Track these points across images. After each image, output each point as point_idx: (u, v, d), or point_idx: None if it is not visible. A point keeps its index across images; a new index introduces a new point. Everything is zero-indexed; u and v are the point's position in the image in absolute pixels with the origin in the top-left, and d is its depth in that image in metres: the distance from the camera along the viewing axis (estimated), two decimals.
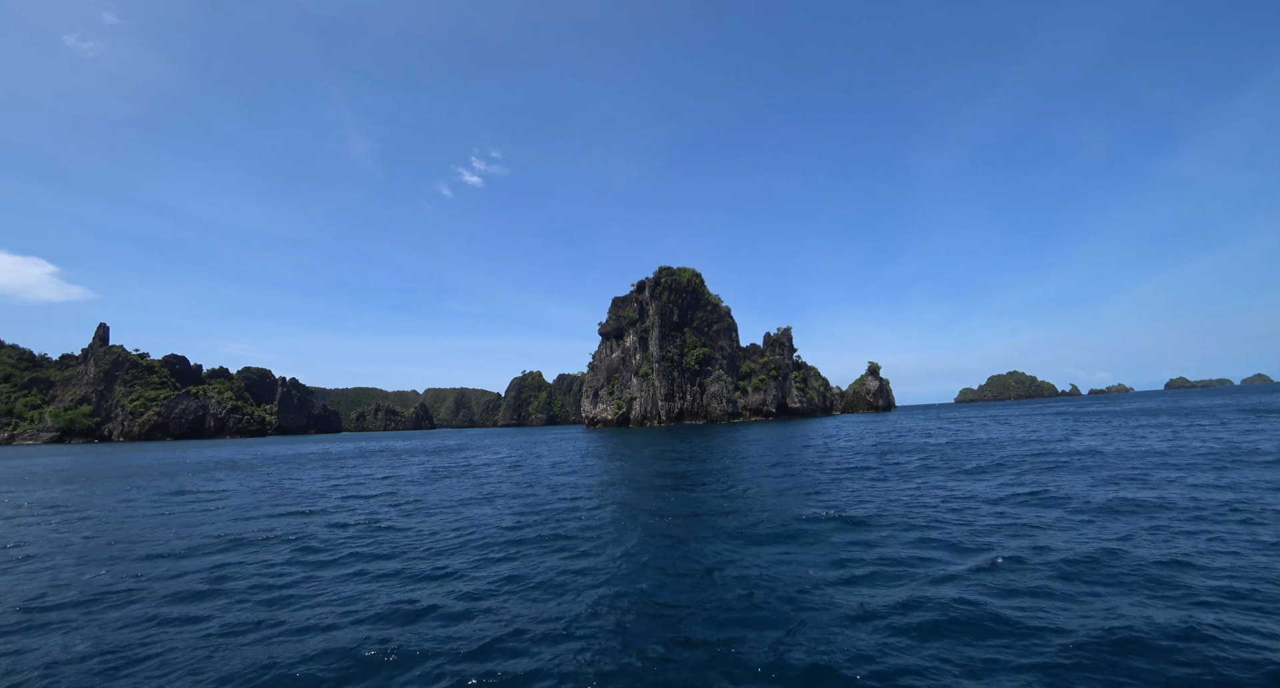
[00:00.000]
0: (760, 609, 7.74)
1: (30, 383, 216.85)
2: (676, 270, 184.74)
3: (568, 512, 15.44)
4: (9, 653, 7.35)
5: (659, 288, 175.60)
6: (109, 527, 16.03)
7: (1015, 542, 10.71)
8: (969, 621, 7.16)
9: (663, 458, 32.43)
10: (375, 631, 7.41)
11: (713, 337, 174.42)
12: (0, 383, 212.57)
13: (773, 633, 7.02)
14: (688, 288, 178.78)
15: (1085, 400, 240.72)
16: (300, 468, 37.25)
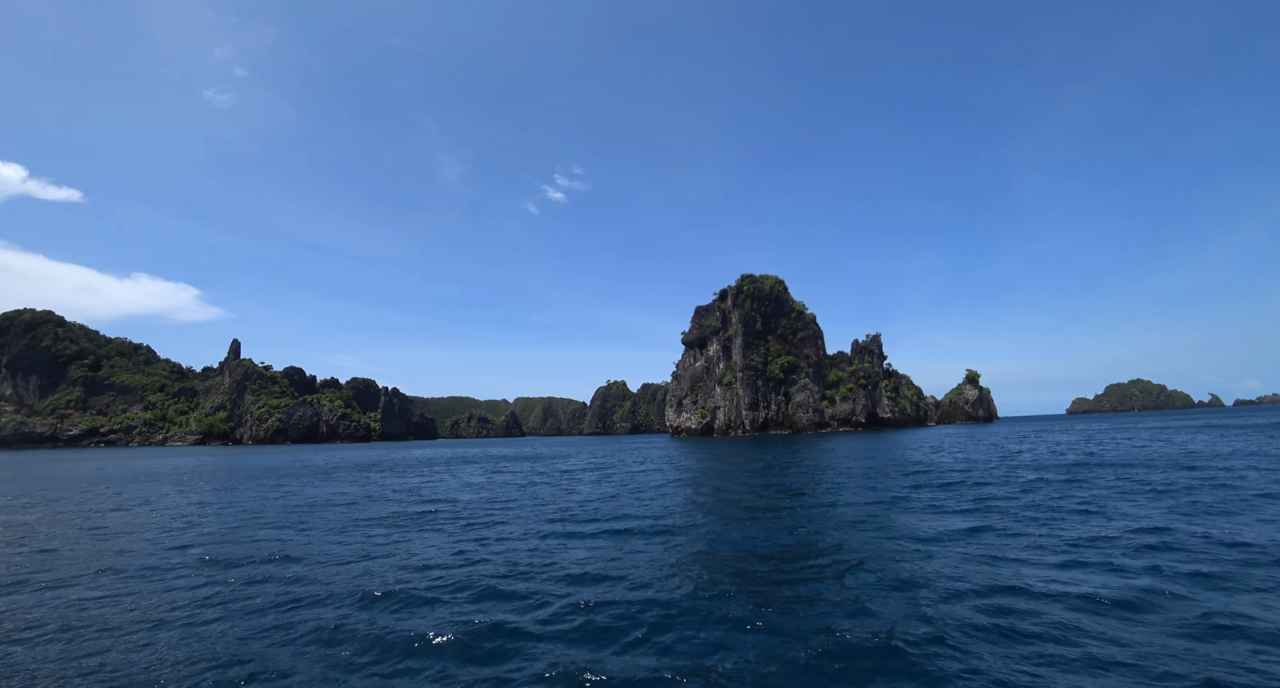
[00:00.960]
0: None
1: (179, 392, 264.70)
2: (759, 278, 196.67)
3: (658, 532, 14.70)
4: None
5: (741, 296, 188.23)
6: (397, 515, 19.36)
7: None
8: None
9: (750, 472, 31.65)
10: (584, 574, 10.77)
11: (797, 344, 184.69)
12: (156, 393, 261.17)
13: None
14: (770, 295, 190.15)
15: (1233, 412, 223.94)
16: (435, 469, 43.35)
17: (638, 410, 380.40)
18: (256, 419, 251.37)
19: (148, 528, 18.27)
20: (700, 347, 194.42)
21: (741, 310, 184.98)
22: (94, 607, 9.90)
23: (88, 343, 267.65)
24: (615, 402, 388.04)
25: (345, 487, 29.74)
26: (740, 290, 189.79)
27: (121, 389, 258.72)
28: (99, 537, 16.50)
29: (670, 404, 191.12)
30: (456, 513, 19.05)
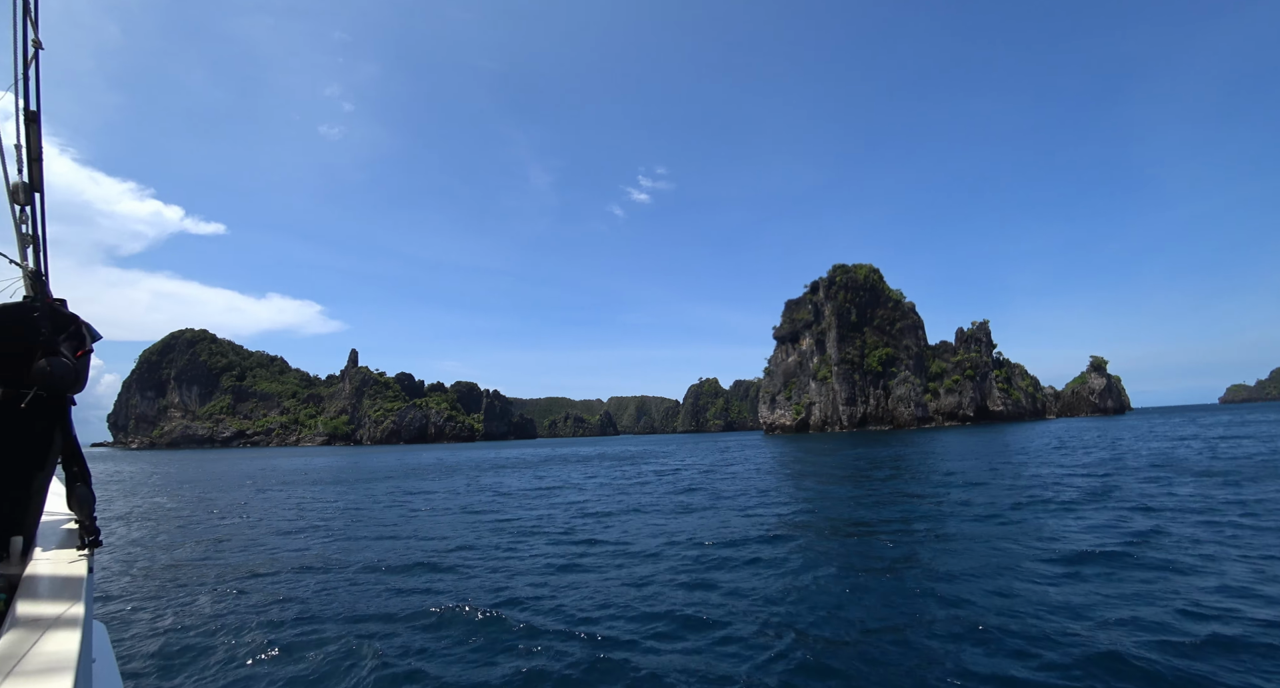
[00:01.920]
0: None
1: (308, 398, 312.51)
2: (852, 267, 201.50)
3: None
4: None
5: (834, 287, 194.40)
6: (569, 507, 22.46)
7: None
8: None
9: (852, 475, 30.54)
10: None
11: (896, 335, 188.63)
12: (289, 399, 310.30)
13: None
14: (865, 285, 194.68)
15: None
16: (559, 467, 47.18)
17: (730, 408, 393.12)
18: (374, 421, 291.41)
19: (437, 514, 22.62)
20: (792, 341, 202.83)
21: (834, 302, 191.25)
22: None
23: (235, 356, 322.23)
24: (708, 399, 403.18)
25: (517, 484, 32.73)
26: (832, 281, 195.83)
27: (262, 396, 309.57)
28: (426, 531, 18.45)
29: (763, 401, 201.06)
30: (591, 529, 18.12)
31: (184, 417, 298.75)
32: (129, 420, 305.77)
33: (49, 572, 2.57)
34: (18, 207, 3.21)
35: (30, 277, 3.32)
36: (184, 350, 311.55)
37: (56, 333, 2.89)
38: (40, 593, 2.28)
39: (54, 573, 2.57)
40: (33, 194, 3.21)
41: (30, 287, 3.36)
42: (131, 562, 15.50)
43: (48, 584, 2.41)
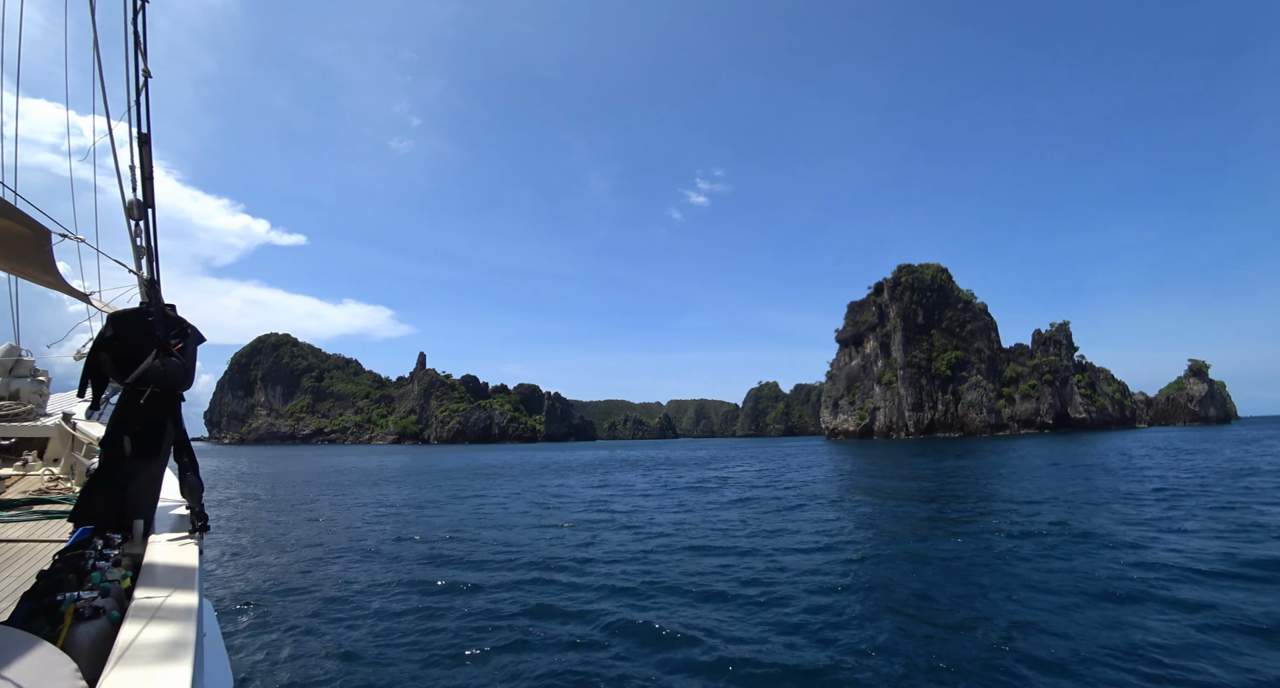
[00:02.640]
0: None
1: (380, 399, 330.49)
2: (918, 267, 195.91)
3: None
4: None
5: (899, 288, 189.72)
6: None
7: None
8: None
9: (922, 490, 28.02)
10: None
11: (966, 338, 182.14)
12: (363, 399, 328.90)
13: None
14: (932, 286, 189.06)
15: None
16: (624, 471, 48.66)
17: (791, 412, 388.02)
18: (440, 421, 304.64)
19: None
20: (856, 344, 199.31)
21: (900, 304, 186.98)
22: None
23: (314, 359, 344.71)
24: (768, 403, 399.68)
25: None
26: (897, 282, 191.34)
27: (338, 396, 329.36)
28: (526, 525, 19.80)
29: (825, 405, 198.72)
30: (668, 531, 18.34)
31: (269, 415, 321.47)
32: (222, 417, 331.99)
33: (166, 552, 2.82)
34: (133, 222, 3.69)
35: (145, 284, 3.81)
36: (269, 353, 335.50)
37: (168, 335, 3.26)
38: (159, 571, 2.50)
39: (170, 553, 2.81)
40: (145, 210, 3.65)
41: (145, 293, 3.85)
42: (231, 546, 17.00)
43: (165, 564, 2.63)
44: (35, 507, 6.14)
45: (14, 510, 5.99)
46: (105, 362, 3.26)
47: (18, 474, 7.59)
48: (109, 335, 3.23)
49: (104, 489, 3.11)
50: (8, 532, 5.30)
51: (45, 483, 7.32)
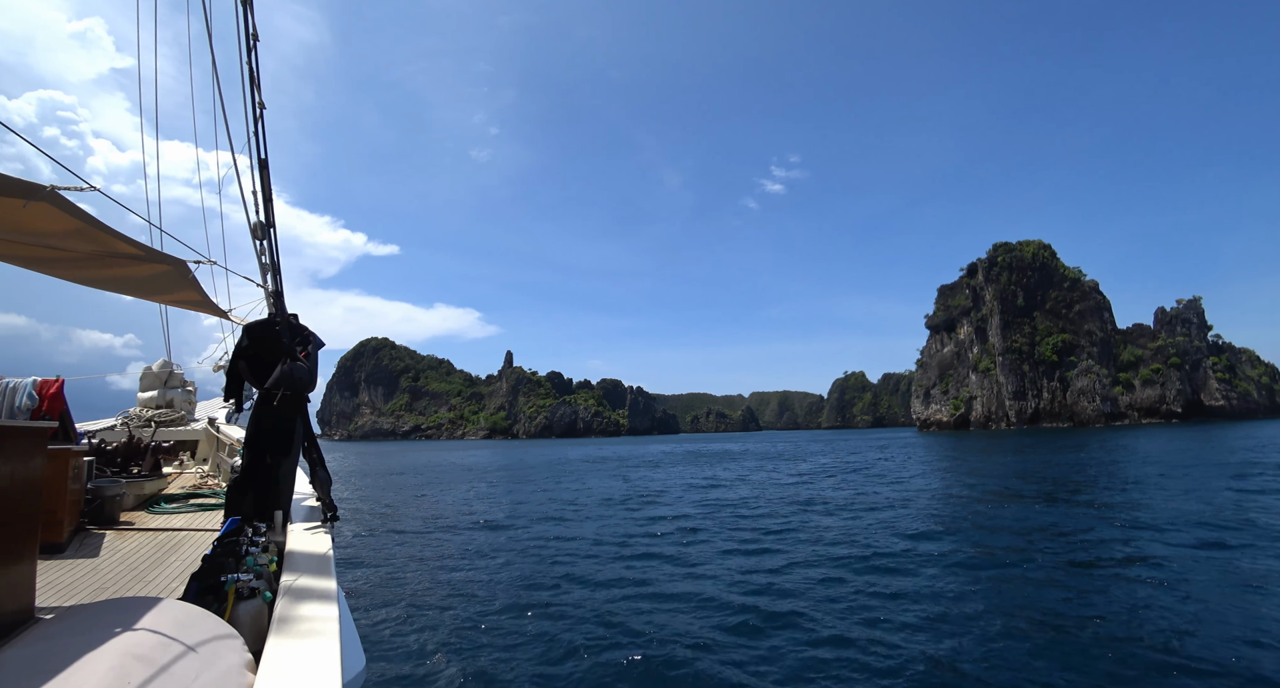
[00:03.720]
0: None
1: (471, 396, 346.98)
2: (1017, 245, 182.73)
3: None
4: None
5: (995, 268, 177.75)
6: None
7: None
8: None
9: (1039, 490, 23.69)
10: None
11: (1074, 319, 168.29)
12: (455, 397, 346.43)
13: None
14: (1033, 264, 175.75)
15: None
16: (711, 464, 48.85)
17: (879, 402, 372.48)
18: (528, 417, 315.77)
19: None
20: (948, 330, 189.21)
21: (996, 285, 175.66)
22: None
23: (410, 360, 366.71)
24: (854, 394, 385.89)
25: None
26: (993, 262, 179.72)
27: (433, 395, 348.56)
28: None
29: (916, 395, 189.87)
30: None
31: (372, 413, 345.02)
32: (332, 416, 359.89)
33: (304, 539, 3.06)
34: (257, 241, 3.99)
35: (272, 296, 4.09)
36: (370, 356, 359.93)
37: (295, 342, 3.52)
38: (300, 557, 2.72)
39: (307, 540, 3.05)
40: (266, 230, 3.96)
41: (272, 305, 4.12)
42: (353, 533, 17.98)
43: (305, 551, 2.85)
44: (191, 500, 6.96)
45: (176, 503, 6.81)
46: (243, 369, 3.60)
47: (176, 472, 8.60)
48: (245, 345, 3.56)
49: (248, 484, 3.39)
50: (172, 522, 6.05)
51: (198, 480, 8.27)
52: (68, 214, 2.38)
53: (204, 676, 1.34)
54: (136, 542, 5.28)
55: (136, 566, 4.61)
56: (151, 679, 1.23)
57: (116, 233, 2.81)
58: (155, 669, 1.27)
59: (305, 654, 1.58)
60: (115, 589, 4.01)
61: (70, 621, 1.59)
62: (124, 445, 7.51)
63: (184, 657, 1.39)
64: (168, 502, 6.86)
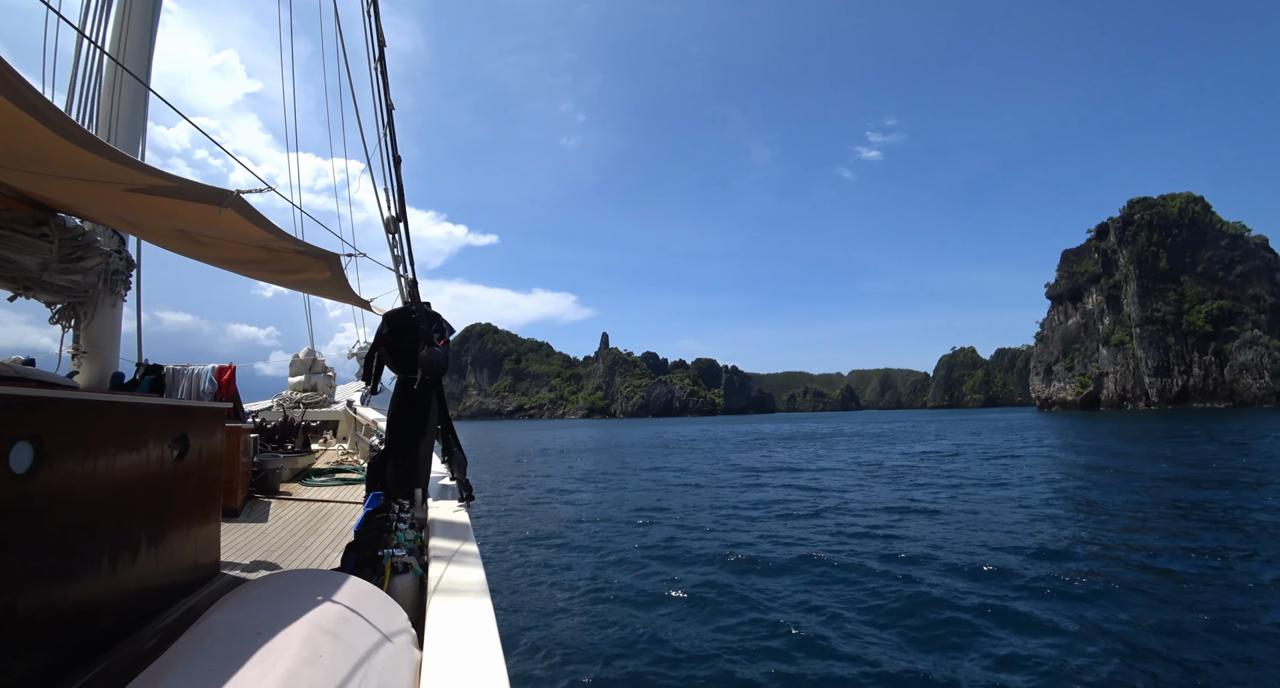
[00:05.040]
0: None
1: (569, 377, 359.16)
2: (1159, 200, 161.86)
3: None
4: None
5: (1131, 228, 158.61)
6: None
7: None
8: None
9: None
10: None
11: (1234, 283, 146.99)
12: (555, 378, 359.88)
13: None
14: (1180, 221, 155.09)
15: None
16: (819, 444, 46.05)
17: (992, 380, 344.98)
18: (625, 397, 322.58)
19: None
20: (1073, 300, 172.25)
21: (1133, 247, 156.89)
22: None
23: (512, 344, 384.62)
24: (963, 371, 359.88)
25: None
26: (1129, 221, 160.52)
27: (534, 377, 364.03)
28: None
29: (1035, 372, 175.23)
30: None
31: (479, 394, 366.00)
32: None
33: (445, 516, 3.16)
34: (390, 234, 4.19)
35: (409, 285, 4.28)
36: (475, 341, 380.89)
37: (431, 329, 3.67)
38: (444, 533, 2.82)
39: (448, 517, 3.16)
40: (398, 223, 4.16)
41: (409, 293, 4.30)
42: (482, 509, 18.40)
43: (448, 526, 2.94)
44: (336, 475, 7.66)
45: (324, 477, 7.52)
46: (383, 355, 3.77)
47: (322, 449, 9.52)
48: (385, 332, 3.72)
49: (390, 462, 3.58)
50: (321, 494, 6.69)
51: (340, 456, 9.10)
52: (247, 217, 2.57)
53: (381, 650, 1.42)
54: (294, 511, 5.89)
55: (296, 532, 5.14)
56: (338, 653, 1.30)
57: (284, 232, 2.96)
58: (341, 643, 1.35)
59: (463, 625, 1.65)
60: (280, 552, 4.50)
61: (262, 589, 1.72)
62: (280, 425, 8.37)
63: (364, 632, 1.47)
64: (317, 475, 7.59)
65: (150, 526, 2.94)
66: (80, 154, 1.91)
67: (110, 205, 2.83)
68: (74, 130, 1.76)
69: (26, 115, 1.63)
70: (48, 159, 2.03)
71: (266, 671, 1.15)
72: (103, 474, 2.48)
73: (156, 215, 2.87)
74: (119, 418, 2.67)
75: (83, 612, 2.38)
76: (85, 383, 4.00)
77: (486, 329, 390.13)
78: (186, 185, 2.21)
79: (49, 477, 2.12)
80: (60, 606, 2.24)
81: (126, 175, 2.11)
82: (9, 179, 2.59)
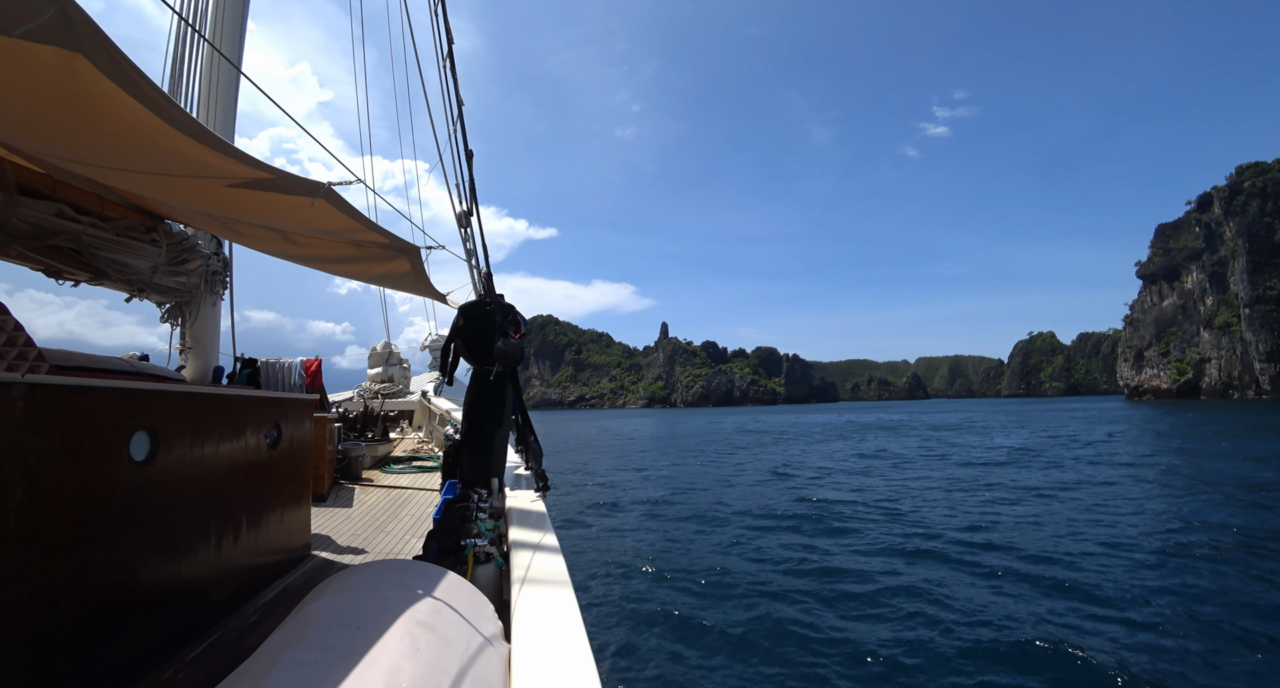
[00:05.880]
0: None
1: (629, 367, 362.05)
2: (1273, 165, 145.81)
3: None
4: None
5: (1240, 197, 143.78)
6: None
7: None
8: None
9: None
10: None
11: None
12: (615, 368, 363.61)
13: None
14: None
15: None
16: (899, 436, 42.53)
17: (1074, 367, 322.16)
18: (684, 386, 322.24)
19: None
20: (1168, 279, 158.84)
21: (1242, 218, 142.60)
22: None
23: (573, 335, 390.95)
24: (1041, 357, 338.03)
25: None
26: (1238, 189, 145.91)
27: (595, 367, 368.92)
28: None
29: (1124, 358, 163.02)
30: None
31: (542, 385, 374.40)
32: None
33: (523, 506, 3.16)
34: (463, 229, 4.27)
35: (484, 278, 4.36)
36: (538, 332, 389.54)
37: (506, 320, 3.70)
38: (522, 522, 2.80)
39: (526, 506, 3.15)
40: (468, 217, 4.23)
41: (483, 286, 4.37)
42: (551, 503, 20.59)
43: (525, 516, 2.93)
44: (413, 463, 7.98)
45: (402, 465, 7.86)
46: (459, 346, 3.85)
47: (399, 438, 9.95)
48: (461, 324, 3.79)
49: (466, 452, 3.65)
50: (400, 481, 6.99)
51: (416, 444, 9.49)
52: (338, 208, 2.64)
53: (474, 643, 1.43)
54: (375, 497, 6.19)
55: (378, 517, 5.40)
56: (435, 646, 1.32)
57: (372, 222, 3.00)
58: (436, 636, 1.37)
59: (550, 622, 1.62)
60: (364, 537, 4.73)
61: (358, 578, 1.75)
62: (361, 415, 8.80)
63: (456, 625, 1.49)
64: (395, 463, 7.94)
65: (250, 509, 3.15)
66: (192, 147, 1.96)
67: (211, 204, 2.94)
68: (188, 122, 1.81)
69: (145, 109, 1.66)
70: (160, 155, 2.08)
71: (370, 665, 1.16)
72: (209, 461, 2.71)
73: (253, 212, 2.96)
74: (222, 409, 2.88)
75: (196, 587, 2.64)
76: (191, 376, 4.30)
77: (548, 321, 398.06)
78: (284, 177, 2.26)
79: (164, 463, 2.35)
80: (176, 581, 2.49)
81: (231, 168, 2.17)
82: (121, 182, 2.71)
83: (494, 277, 4.40)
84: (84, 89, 1.54)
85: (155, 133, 1.82)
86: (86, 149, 2.13)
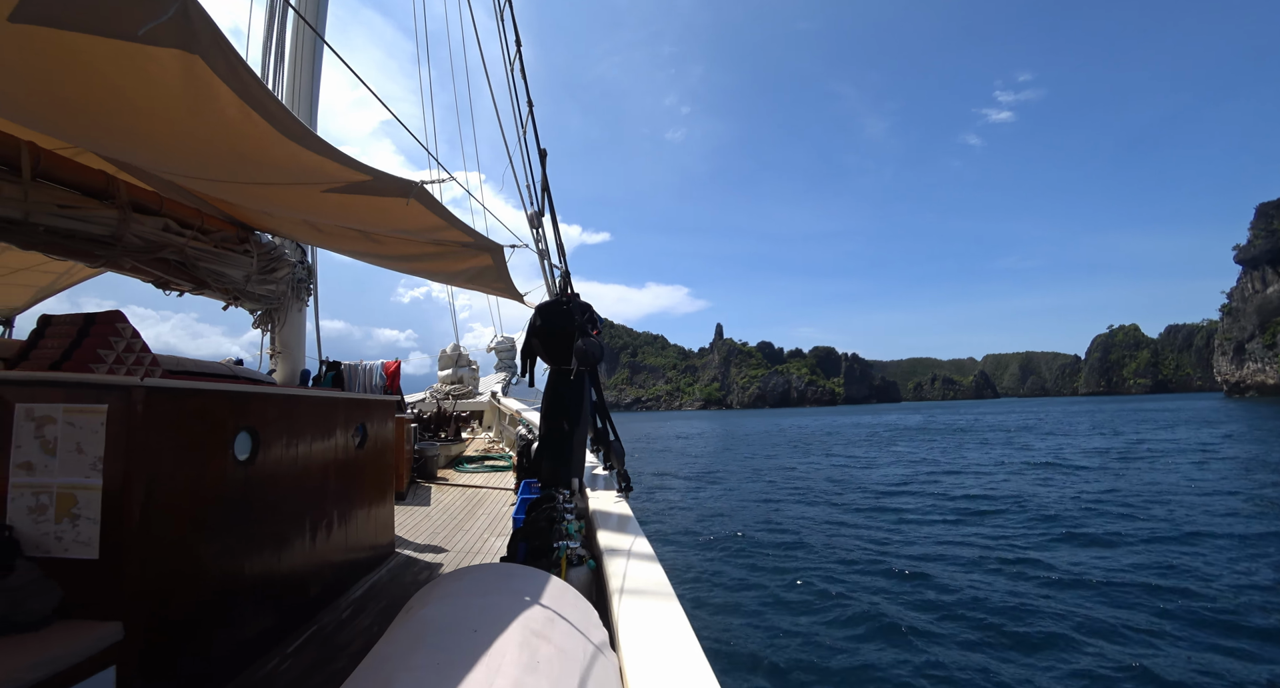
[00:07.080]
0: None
1: (685, 369, 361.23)
2: None
3: None
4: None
5: None
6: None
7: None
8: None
9: None
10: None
11: None
12: (670, 370, 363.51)
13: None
14: None
15: None
16: (972, 440, 37.87)
17: (1162, 362, 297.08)
18: (741, 388, 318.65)
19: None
20: (1273, 263, 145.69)
21: None
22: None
23: (628, 338, 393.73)
24: (1124, 352, 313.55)
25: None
26: None
27: (650, 369, 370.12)
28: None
29: (1222, 351, 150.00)
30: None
31: None
32: None
33: (608, 507, 3.05)
34: (535, 229, 4.27)
35: (563, 277, 4.31)
36: None
37: (583, 318, 3.66)
38: (608, 524, 2.70)
39: (611, 508, 3.03)
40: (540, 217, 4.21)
41: (560, 285, 4.31)
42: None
43: (610, 518, 2.83)
44: (486, 462, 8.11)
45: (474, 464, 7.99)
46: (536, 346, 3.78)
47: (470, 437, 10.16)
48: (538, 324, 3.72)
49: (544, 451, 3.57)
50: (473, 480, 7.10)
51: (486, 444, 9.65)
52: (430, 208, 2.66)
53: (587, 654, 1.39)
54: (451, 495, 6.29)
55: (455, 515, 5.46)
56: (554, 659, 1.28)
57: (461, 221, 3.00)
58: (553, 647, 1.33)
59: (659, 631, 1.55)
60: (444, 535, 4.78)
61: (464, 582, 1.73)
62: (435, 415, 9.02)
63: (569, 634, 1.45)
64: (468, 462, 8.08)
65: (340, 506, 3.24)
66: (301, 153, 1.97)
67: (301, 209, 2.99)
68: (296, 128, 1.80)
69: (257, 115, 1.63)
70: (267, 163, 2.08)
71: (492, 676, 1.14)
72: (303, 460, 2.82)
73: (341, 215, 2.99)
74: (313, 410, 3.00)
75: (294, 581, 2.78)
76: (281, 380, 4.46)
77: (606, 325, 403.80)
78: (381, 177, 2.28)
79: (263, 462, 2.47)
80: (277, 575, 2.63)
81: (333, 172, 2.19)
82: (221, 193, 2.78)
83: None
84: (200, 96, 1.50)
85: (265, 140, 1.80)
86: (195, 163, 2.15)
